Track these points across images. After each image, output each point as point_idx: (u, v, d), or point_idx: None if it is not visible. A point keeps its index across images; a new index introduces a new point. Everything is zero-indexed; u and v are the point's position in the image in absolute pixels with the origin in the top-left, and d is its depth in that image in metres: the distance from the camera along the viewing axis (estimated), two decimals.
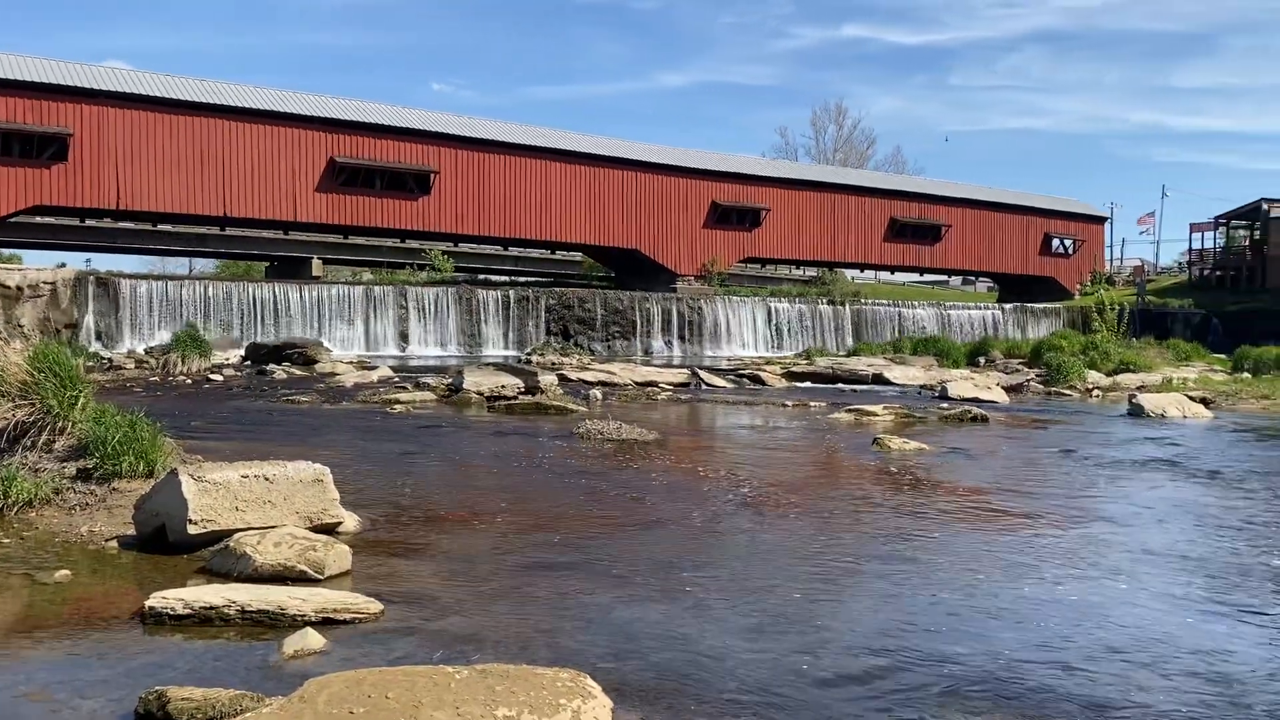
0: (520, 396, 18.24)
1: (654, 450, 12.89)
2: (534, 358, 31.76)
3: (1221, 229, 58.71)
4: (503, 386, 18.56)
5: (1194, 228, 60.54)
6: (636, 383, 23.50)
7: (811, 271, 59.87)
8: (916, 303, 48.55)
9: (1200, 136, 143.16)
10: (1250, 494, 10.57)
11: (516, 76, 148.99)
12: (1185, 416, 18.80)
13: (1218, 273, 57.10)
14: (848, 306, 44.82)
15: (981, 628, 5.69)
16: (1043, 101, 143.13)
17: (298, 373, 25.05)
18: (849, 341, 42.91)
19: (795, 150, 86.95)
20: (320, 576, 6.22)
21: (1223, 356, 36.31)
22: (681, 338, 39.97)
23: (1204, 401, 20.81)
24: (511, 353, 35.22)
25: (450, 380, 19.87)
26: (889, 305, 46.67)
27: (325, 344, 31.03)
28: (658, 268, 43.52)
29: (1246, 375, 29.71)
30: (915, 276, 65.05)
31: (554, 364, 28.68)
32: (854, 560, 7.26)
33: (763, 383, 25.81)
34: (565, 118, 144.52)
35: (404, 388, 20.02)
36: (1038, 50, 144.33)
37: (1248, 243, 56.86)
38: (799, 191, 47.47)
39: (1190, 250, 61.79)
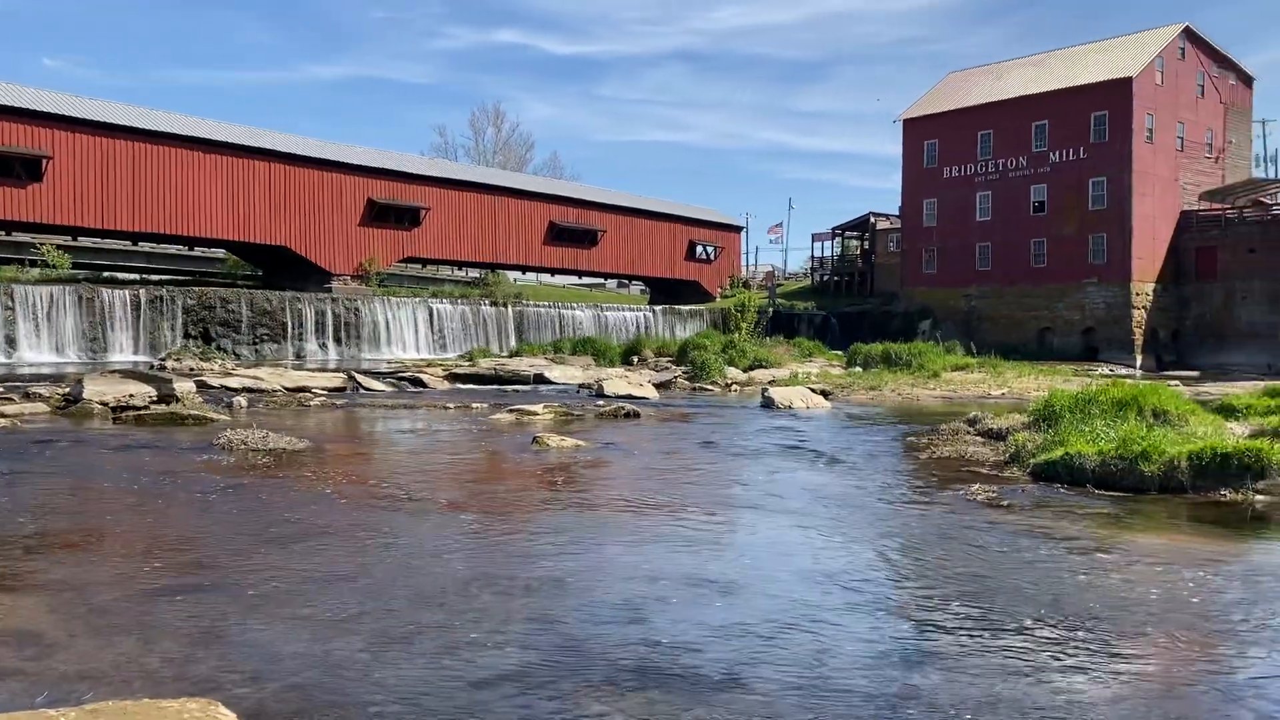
0: (152, 406, 16.68)
1: (305, 460, 12.28)
2: (170, 363, 29.19)
3: (838, 239, 65.71)
4: (131, 395, 16.88)
5: (815, 238, 67.33)
6: (287, 388, 22.31)
7: (474, 272, 59.90)
8: (575, 304, 50.03)
9: (819, 155, 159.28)
10: (859, 475, 11.89)
11: (148, 57, 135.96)
12: (809, 407, 20.82)
13: (836, 278, 63.78)
14: (510, 308, 45.28)
15: (630, 615, 5.93)
16: (685, 116, 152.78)
17: None
18: (512, 342, 43.39)
19: (455, 150, 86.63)
20: None
21: (840, 353, 40.67)
22: (338, 340, 38.41)
23: (824, 394, 23.15)
24: (143, 358, 32.10)
25: (68, 389, 17.79)
26: (550, 307, 47.70)
27: None
28: (310, 266, 41.54)
29: (859, 369, 33.50)
30: (574, 279, 67.01)
31: (193, 370, 26.52)
32: (508, 560, 7.32)
33: (424, 385, 25.45)
34: (205, 105, 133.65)
35: (10, 399, 17.64)
36: (680, 68, 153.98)
37: (859, 251, 64.02)
38: (460, 192, 47.27)
39: (813, 258, 68.55)
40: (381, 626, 5.58)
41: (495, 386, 26.44)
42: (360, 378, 24.72)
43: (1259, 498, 9.80)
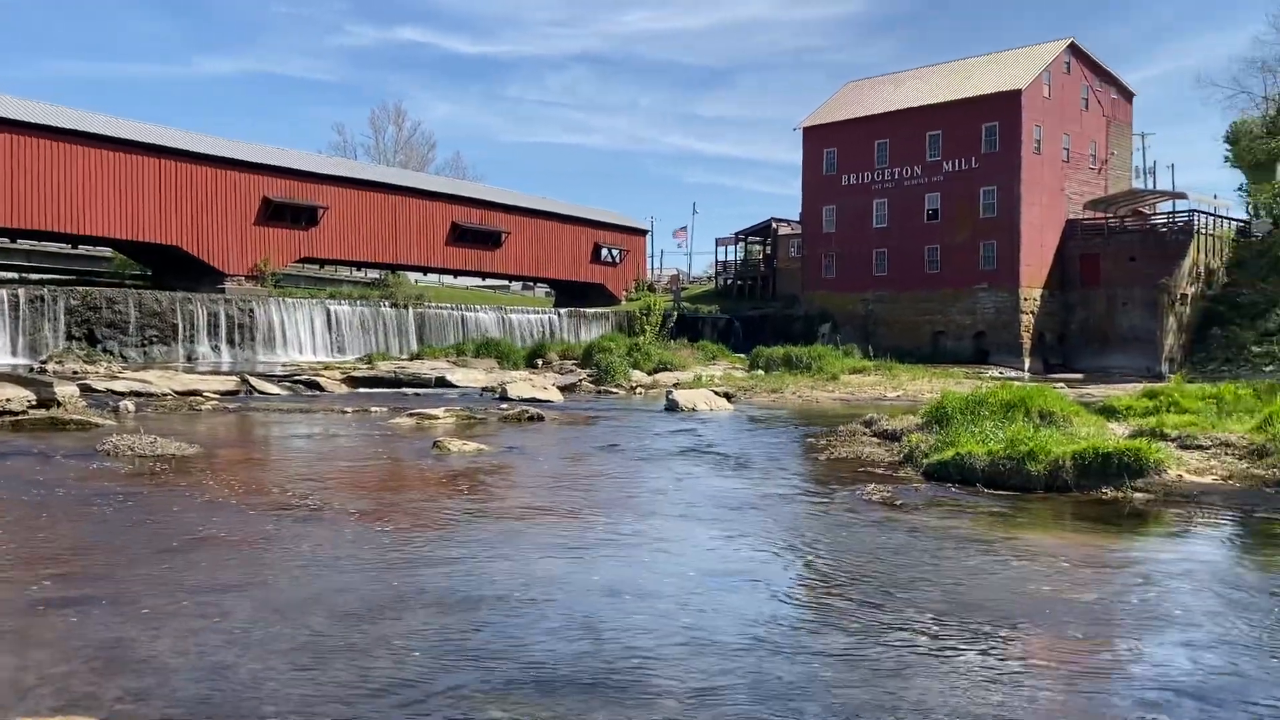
0: (31, 411, 15.94)
1: (196, 466, 11.88)
2: (51, 366, 27.93)
3: (741, 244, 66.56)
4: (8, 400, 16.10)
5: (719, 242, 68.00)
6: (177, 392, 21.57)
7: (374, 273, 58.80)
8: (479, 306, 49.50)
9: (722, 161, 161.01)
10: (760, 477, 12.06)
11: (29, 47, 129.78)
12: (712, 410, 21.03)
13: (739, 282, 64.58)
14: (411, 310, 44.57)
15: (534, 620, 5.90)
16: (590, 120, 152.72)
17: None
18: (413, 345, 42.71)
19: (354, 149, 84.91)
20: None
21: (743, 356, 41.18)
22: (231, 342, 37.27)
23: (727, 396, 23.41)
24: (22, 360, 30.63)
25: None
26: (452, 309, 47.09)
27: None
28: (203, 266, 40.23)
29: (761, 372, 33.98)
30: (478, 281, 66.36)
31: (77, 373, 25.43)
32: (408, 566, 7.20)
33: (321, 389, 24.90)
34: (91, 99, 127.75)
35: None
36: (585, 71, 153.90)
37: (762, 256, 64.95)
38: (360, 191, 46.35)
39: (717, 262, 69.28)
40: (274, 638, 5.43)
41: (395, 390, 26.01)
42: (254, 381, 24.06)
43: (1137, 495, 10.25)
